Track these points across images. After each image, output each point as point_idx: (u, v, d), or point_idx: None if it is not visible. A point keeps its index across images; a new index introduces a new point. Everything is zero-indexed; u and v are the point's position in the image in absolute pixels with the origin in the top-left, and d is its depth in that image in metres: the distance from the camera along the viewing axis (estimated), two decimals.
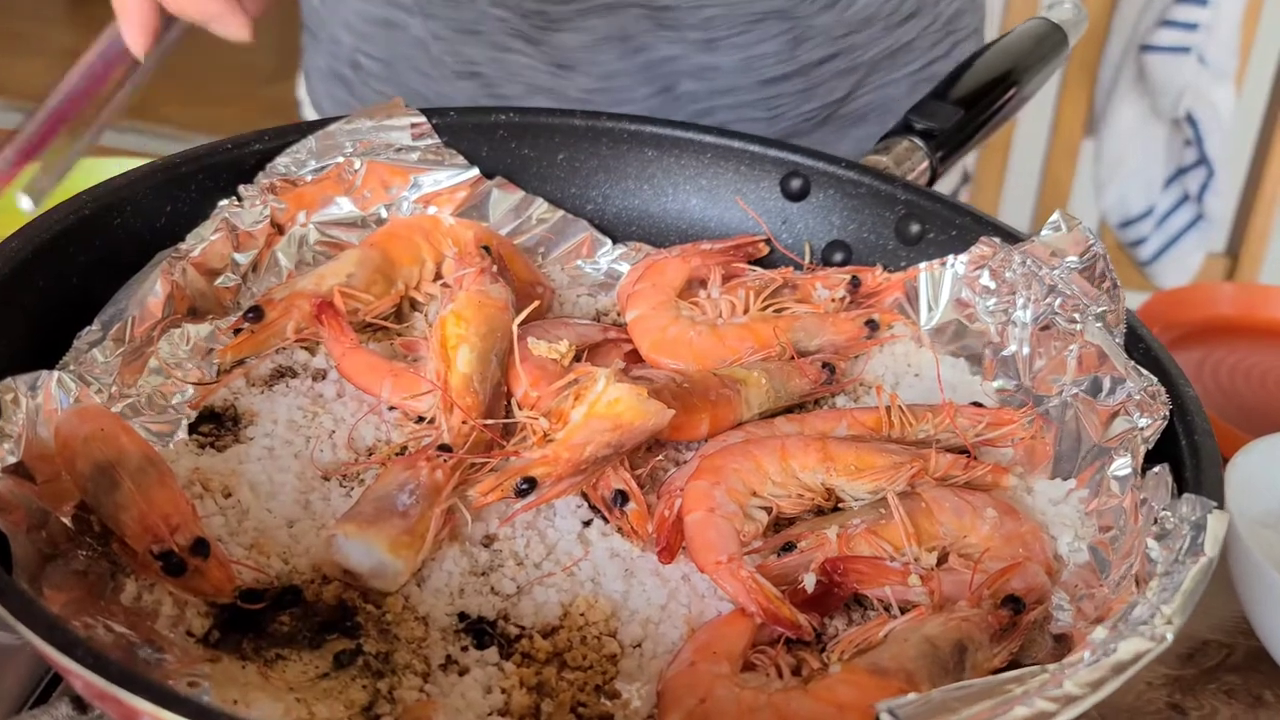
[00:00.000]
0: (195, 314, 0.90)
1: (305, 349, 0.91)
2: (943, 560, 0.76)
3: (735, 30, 1.20)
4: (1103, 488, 0.78)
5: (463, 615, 0.72)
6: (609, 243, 1.06)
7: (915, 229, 1.00)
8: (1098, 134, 2.52)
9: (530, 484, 0.76)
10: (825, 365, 0.91)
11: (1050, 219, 0.90)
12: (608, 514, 0.78)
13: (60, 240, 0.84)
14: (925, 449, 0.81)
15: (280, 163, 0.97)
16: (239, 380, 0.88)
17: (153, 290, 0.85)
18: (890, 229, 1.02)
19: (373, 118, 1.01)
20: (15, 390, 0.75)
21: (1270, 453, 1.06)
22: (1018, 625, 0.70)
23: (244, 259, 0.94)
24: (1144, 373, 0.79)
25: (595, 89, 1.21)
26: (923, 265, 0.97)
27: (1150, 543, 0.68)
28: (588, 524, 0.79)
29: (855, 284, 0.98)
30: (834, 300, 0.98)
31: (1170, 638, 0.57)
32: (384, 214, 1.02)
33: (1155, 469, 0.74)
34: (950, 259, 0.96)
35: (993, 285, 0.93)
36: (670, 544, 0.76)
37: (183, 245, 0.89)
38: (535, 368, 0.85)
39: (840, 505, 0.80)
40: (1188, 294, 1.47)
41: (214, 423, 0.85)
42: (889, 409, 0.85)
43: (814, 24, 1.21)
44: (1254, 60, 2.49)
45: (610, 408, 0.77)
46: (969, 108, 1.09)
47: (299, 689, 0.66)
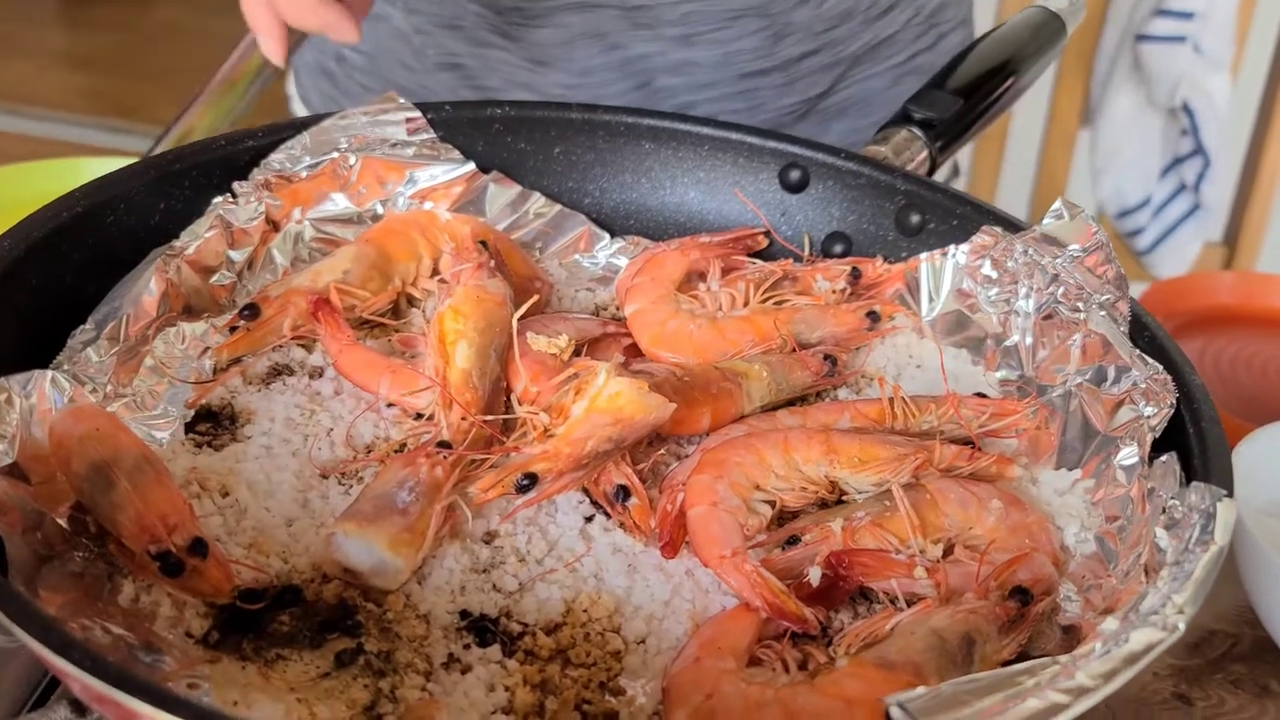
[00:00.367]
0: (191, 312, 0.90)
1: (302, 346, 0.90)
2: (948, 552, 0.75)
3: (713, 27, 1.19)
4: (1109, 477, 0.77)
5: (464, 613, 0.71)
6: (607, 237, 1.06)
7: (916, 219, 0.99)
8: (1094, 124, 2.52)
9: (531, 480, 0.75)
10: (827, 357, 0.90)
11: (1053, 207, 0.89)
12: (609, 509, 0.78)
13: (53, 238, 0.83)
14: (929, 440, 0.81)
15: (275, 159, 0.96)
16: (236, 379, 0.87)
17: (147, 288, 0.85)
18: (890, 220, 1.01)
19: (367, 113, 1.00)
20: (9, 390, 0.74)
21: (1273, 441, 1.05)
22: (1026, 617, 0.69)
23: (239, 256, 0.93)
24: (1149, 361, 0.79)
25: (572, 84, 1.21)
26: (924, 255, 0.97)
27: (1159, 532, 0.67)
28: (590, 520, 0.78)
29: (856, 275, 0.98)
30: (834, 292, 0.97)
31: (1183, 627, 0.57)
32: (380, 210, 1.01)
33: (1163, 458, 0.73)
34: (951, 249, 0.95)
35: (994, 275, 0.92)
36: (673, 539, 0.75)
37: (177, 243, 0.88)
38: (534, 363, 0.84)
39: (844, 498, 0.79)
40: (1187, 283, 1.46)
41: (211, 422, 0.84)
42: (892, 401, 0.84)
43: (792, 20, 1.21)
44: (1250, 49, 2.48)
45: (611, 402, 0.77)
46: (967, 97, 1.08)
47: (300, 689, 0.65)
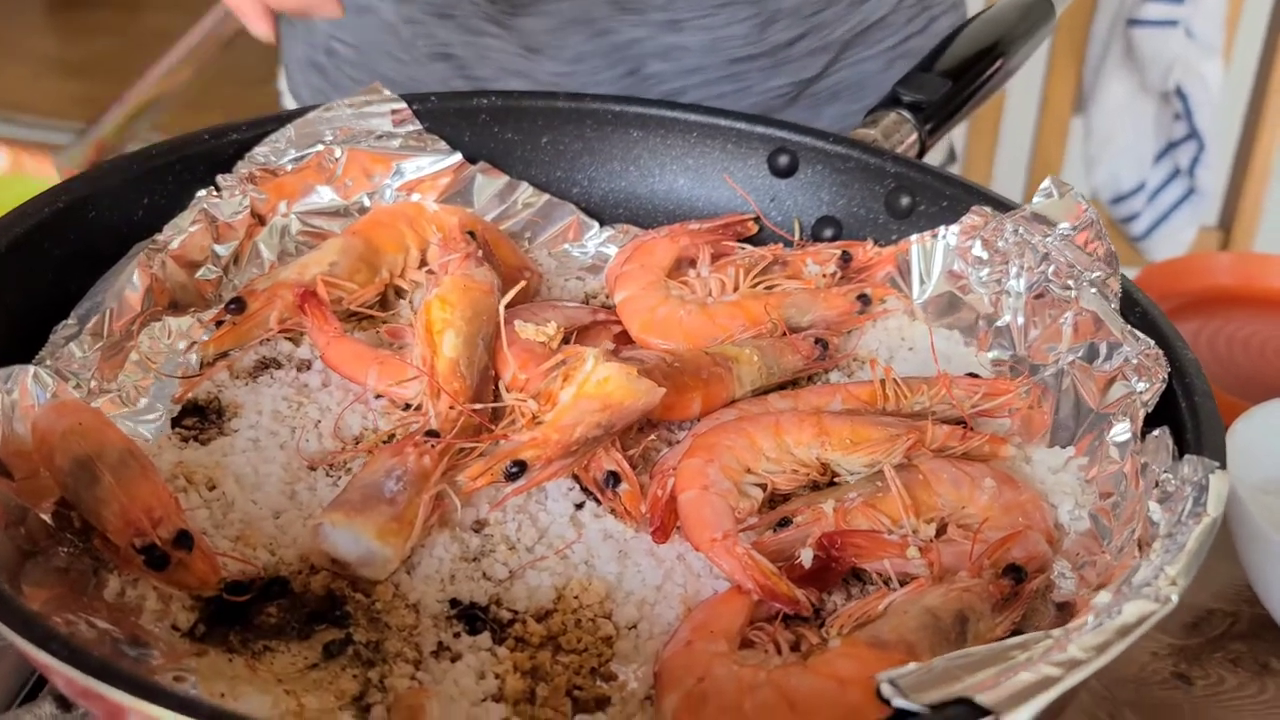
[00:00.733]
0: (176, 307, 0.89)
1: (289, 340, 0.90)
2: (941, 532, 0.74)
3: (701, 13, 1.19)
4: (1102, 454, 0.77)
5: (454, 601, 0.71)
6: (596, 225, 1.05)
7: (905, 202, 0.99)
8: (1087, 110, 2.51)
9: (520, 467, 0.74)
10: (818, 341, 0.90)
11: (1042, 185, 0.89)
12: (600, 495, 0.77)
13: (34, 234, 0.83)
14: (921, 421, 0.80)
15: (259, 152, 0.95)
16: (222, 373, 0.86)
17: (130, 283, 0.84)
18: (880, 202, 1.00)
19: (351, 105, 1.00)
20: None
21: (1270, 419, 1.04)
22: (1020, 594, 0.68)
23: (224, 251, 0.92)
24: (1141, 336, 0.78)
25: (563, 72, 1.20)
26: (914, 238, 0.96)
27: (1152, 505, 0.66)
28: (580, 506, 0.77)
29: (846, 259, 0.97)
30: (825, 276, 0.96)
31: (1175, 599, 0.56)
32: (367, 202, 1.00)
33: (1155, 432, 0.73)
34: (942, 230, 0.95)
35: (985, 255, 0.92)
36: (664, 523, 0.75)
37: (160, 237, 0.88)
38: (523, 350, 0.83)
39: (836, 480, 0.79)
40: (1183, 264, 1.45)
41: (197, 416, 0.83)
42: (883, 382, 0.84)
43: (780, 5, 1.20)
44: (1241, 32, 2.48)
45: (599, 387, 0.76)
46: (956, 79, 1.08)
47: (288, 680, 0.65)
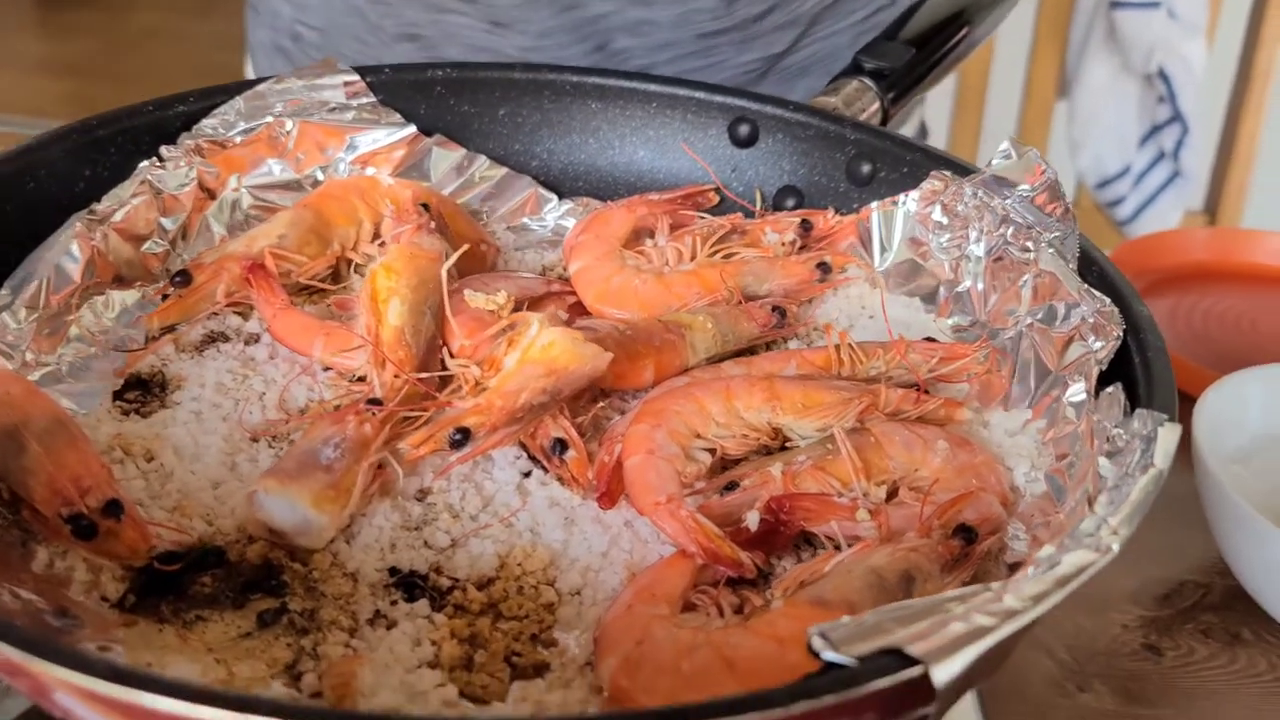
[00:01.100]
0: (122, 281, 0.87)
1: (238, 313, 0.88)
2: (893, 495, 0.73)
3: None
4: (1059, 416, 0.75)
5: (394, 570, 0.69)
6: (555, 199, 1.04)
7: (866, 169, 0.97)
8: (1070, 93, 2.50)
9: (464, 434, 0.73)
10: (775, 309, 0.88)
11: (1000, 147, 0.87)
12: (547, 463, 0.75)
13: None
14: (875, 385, 0.79)
15: (207, 124, 0.94)
16: (168, 347, 0.85)
17: (68, 253, 0.83)
18: (841, 171, 0.99)
19: (303, 77, 0.98)
20: None
21: (1240, 389, 1.03)
22: (970, 555, 0.67)
23: (171, 224, 0.91)
24: (1096, 294, 0.77)
25: (530, 46, 1.19)
26: (874, 205, 0.95)
27: (1102, 461, 0.65)
28: (527, 475, 0.76)
29: (807, 227, 0.96)
30: (784, 244, 0.95)
31: (1116, 548, 0.55)
32: (320, 176, 0.99)
33: (1109, 389, 0.71)
34: (902, 197, 0.93)
35: (945, 221, 0.90)
36: (610, 489, 0.73)
37: (99, 207, 0.86)
38: (471, 319, 0.82)
39: (788, 445, 0.77)
40: (1159, 241, 1.44)
41: (140, 389, 0.82)
42: (838, 347, 0.82)
43: None
44: (1224, 13, 2.46)
45: (544, 352, 0.75)
46: (920, 47, 1.07)
47: (219, 649, 0.63)
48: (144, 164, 0.89)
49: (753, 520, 0.69)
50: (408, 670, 0.63)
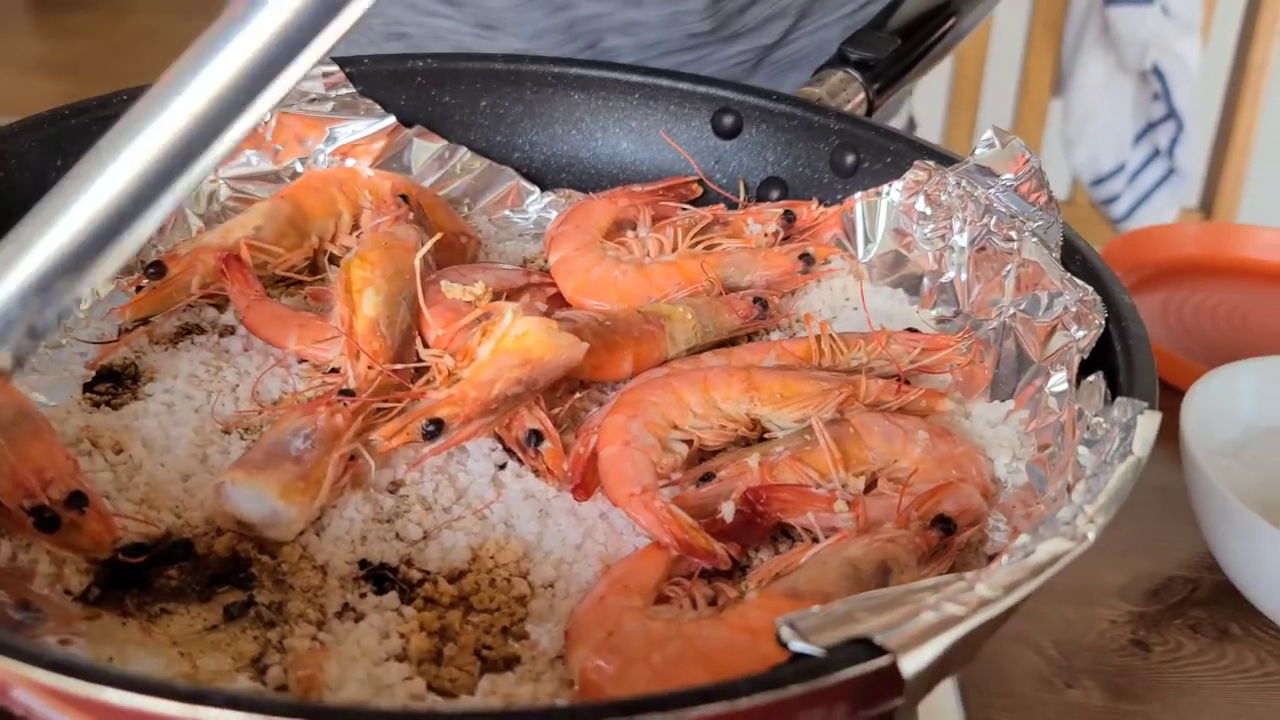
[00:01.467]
0: None
1: (214, 305, 0.87)
2: (872, 486, 0.72)
3: None
4: (1042, 406, 0.74)
5: (364, 563, 0.68)
6: (537, 191, 1.03)
7: (850, 159, 0.96)
8: (1065, 91, 2.49)
9: (437, 426, 0.72)
10: (756, 300, 0.87)
11: (984, 136, 0.86)
12: (521, 454, 0.74)
13: None
14: (855, 376, 0.77)
15: None
16: (141, 339, 0.84)
17: None
18: (825, 161, 0.98)
19: None
20: None
21: (1228, 383, 1.02)
22: (949, 547, 0.66)
23: None
24: (1079, 283, 0.76)
25: (522, 49, 1.18)
26: (858, 195, 0.94)
27: (1081, 450, 0.64)
28: (502, 467, 0.75)
29: (790, 218, 0.95)
30: (767, 235, 0.94)
31: (1092, 536, 0.53)
32: (300, 168, 0.98)
33: (1090, 378, 0.70)
34: (885, 188, 0.92)
35: (929, 211, 0.89)
36: (585, 480, 0.72)
37: None
38: (446, 309, 0.81)
39: (767, 436, 0.76)
40: (1149, 235, 1.43)
41: (112, 381, 0.81)
42: (819, 338, 0.81)
43: None
44: (1219, 10, 2.45)
45: (518, 342, 0.74)
46: (906, 38, 1.05)
47: (184, 643, 0.62)
48: None
49: (728, 511, 0.68)
50: (375, 663, 0.61)
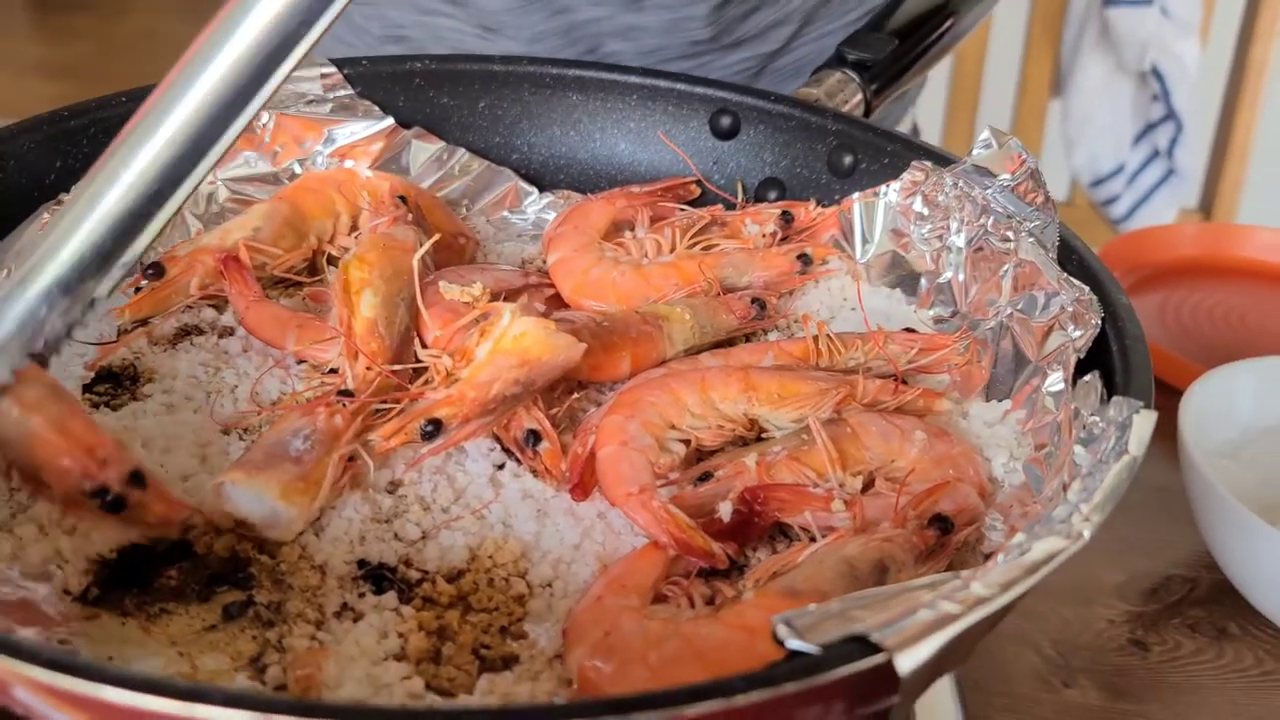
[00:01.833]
0: None
1: (213, 307, 0.87)
2: (869, 485, 0.72)
3: None
4: (1039, 406, 0.75)
5: (362, 562, 0.68)
6: (536, 192, 1.03)
7: (848, 160, 0.97)
8: (1064, 92, 2.49)
9: (436, 426, 0.72)
10: (754, 300, 0.87)
11: (980, 136, 0.87)
12: (520, 455, 0.74)
13: None
14: (853, 376, 0.78)
15: None
16: (141, 340, 0.84)
17: None
18: (823, 162, 0.98)
19: None
20: None
21: (1226, 383, 1.03)
22: (946, 546, 0.66)
23: None
24: (1075, 283, 0.76)
25: (521, 52, 1.18)
26: (856, 196, 0.94)
27: (1077, 449, 0.64)
28: (500, 467, 0.75)
29: (787, 219, 0.95)
30: (765, 236, 0.94)
31: (1088, 535, 0.54)
32: (298, 169, 0.98)
33: (1086, 377, 0.71)
34: (883, 189, 0.93)
35: (926, 212, 0.89)
36: (583, 480, 0.72)
37: (66, 196, 0.85)
38: (445, 310, 0.81)
39: (764, 436, 0.76)
40: (1148, 236, 1.43)
41: (111, 382, 0.81)
42: (816, 338, 0.81)
43: None
44: (1218, 10, 2.45)
45: (516, 343, 0.74)
46: (904, 39, 1.06)
47: (183, 642, 0.62)
48: None
49: (726, 511, 0.68)
50: (374, 663, 0.62)
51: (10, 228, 0.83)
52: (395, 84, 1.01)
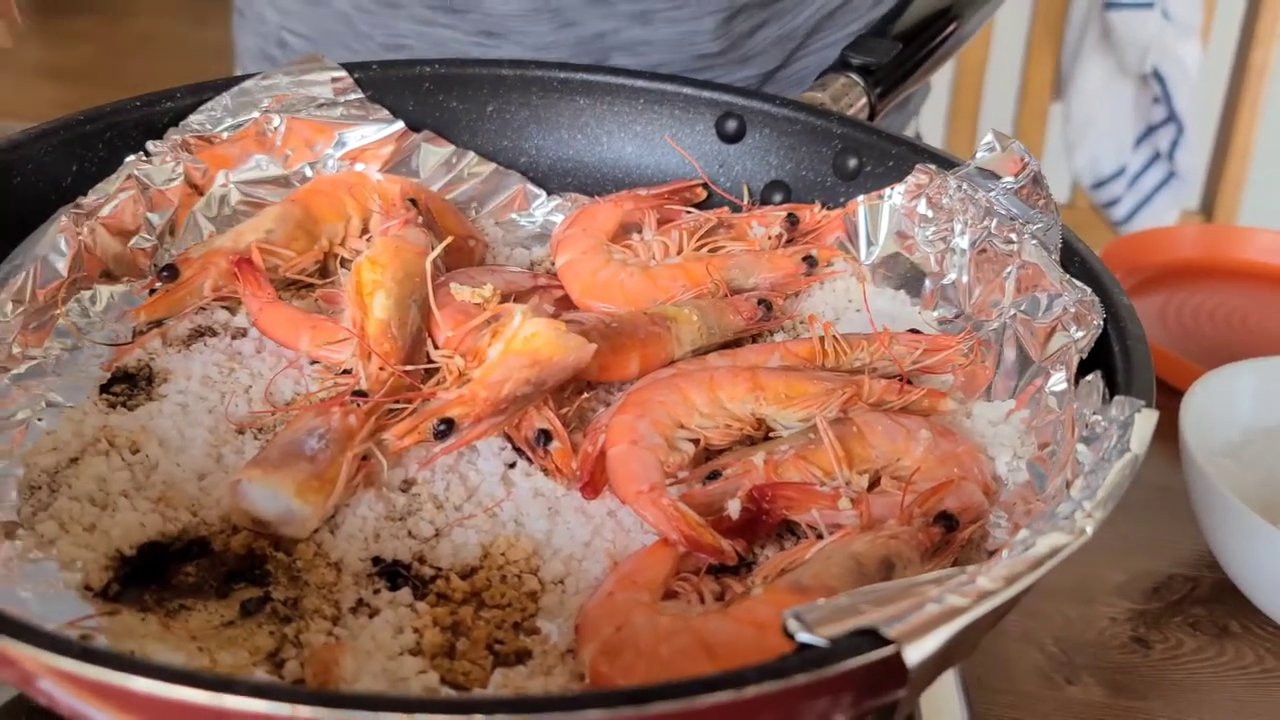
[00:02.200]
0: (109, 276, 0.88)
1: (226, 308, 0.89)
2: (875, 484, 0.73)
3: (669, 5, 1.17)
4: (1042, 405, 0.76)
5: (377, 559, 0.69)
6: (543, 195, 1.04)
7: (853, 163, 0.98)
8: (1065, 95, 2.50)
9: (448, 425, 0.73)
10: (761, 301, 0.88)
11: (984, 140, 0.88)
12: (531, 454, 0.76)
13: None
14: (859, 376, 0.79)
15: (194, 120, 0.94)
16: (155, 341, 0.85)
17: (54, 247, 0.83)
18: (828, 165, 0.99)
19: (290, 73, 0.98)
20: None
21: (1228, 384, 1.04)
22: (951, 543, 0.67)
23: (158, 219, 0.91)
24: (1078, 284, 0.77)
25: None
26: (860, 199, 0.95)
27: (1080, 447, 0.65)
28: (512, 466, 0.76)
29: (793, 221, 0.96)
30: (770, 238, 0.95)
31: (1090, 530, 0.55)
32: (309, 172, 0.99)
33: (1088, 377, 0.72)
34: (888, 191, 0.94)
35: (930, 214, 0.91)
36: (594, 479, 0.73)
37: (85, 200, 0.86)
38: (456, 311, 0.82)
39: (771, 435, 0.77)
40: (1149, 238, 1.44)
41: (127, 383, 0.82)
42: (822, 339, 0.82)
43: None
44: (1219, 13, 2.46)
45: (527, 343, 0.75)
46: (908, 43, 1.07)
47: (202, 638, 0.63)
48: (130, 159, 0.90)
49: (734, 509, 0.69)
50: (389, 657, 0.63)
51: (28, 230, 0.84)
52: (405, 88, 1.02)
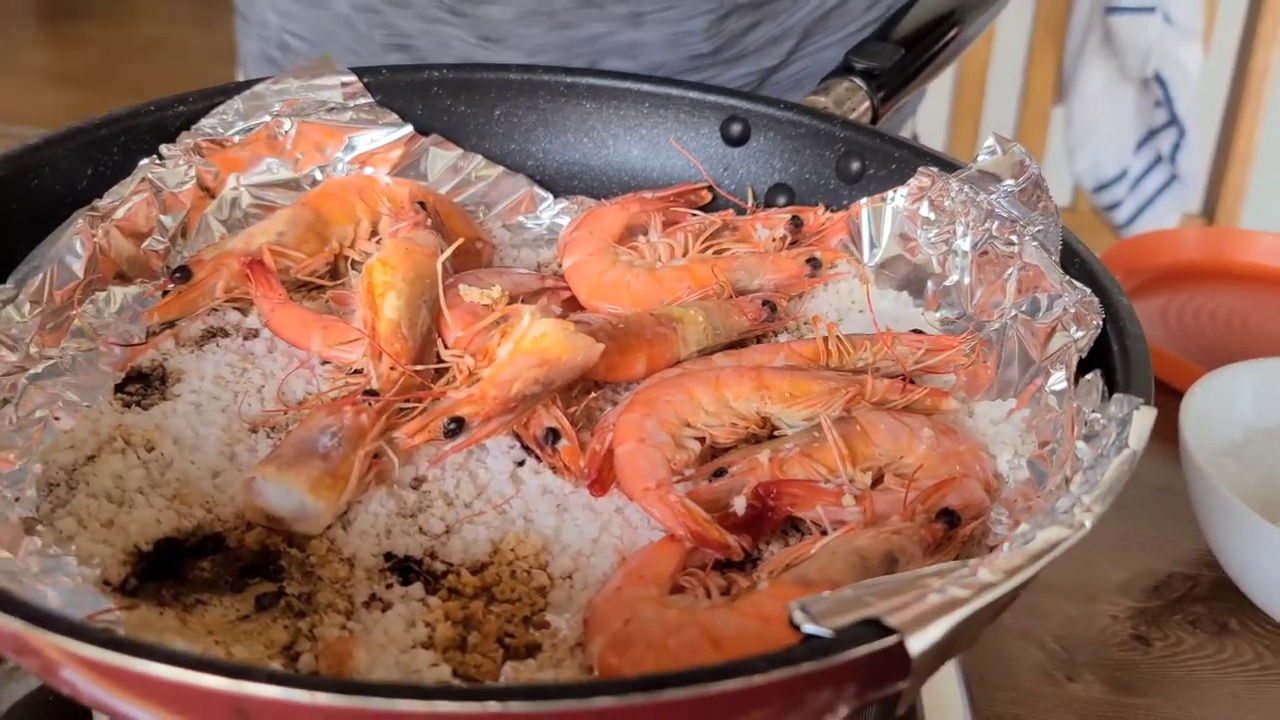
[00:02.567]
0: (123, 278, 0.89)
1: (237, 309, 0.90)
2: (878, 481, 0.74)
3: (661, 6, 1.19)
4: (1042, 404, 0.77)
5: (389, 555, 0.70)
6: (550, 197, 1.05)
7: (856, 166, 0.99)
8: (1067, 99, 2.52)
9: (458, 424, 0.74)
10: (765, 303, 0.90)
11: (985, 143, 0.89)
12: (539, 452, 0.77)
13: None
14: (862, 375, 0.80)
15: (206, 124, 0.95)
16: (168, 342, 0.86)
17: (71, 250, 0.84)
18: (831, 168, 1.00)
19: (300, 77, 1.00)
20: None
21: (1228, 384, 1.05)
22: (953, 539, 0.68)
23: (171, 221, 0.92)
24: (1078, 285, 0.78)
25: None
26: (863, 201, 0.96)
27: (1079, 444, 0.66)
28: (520, 464, 0.77)
29: (797, 224, 0.97)
30: (775, 240, 0.96)
31: (1089, 525, 0.56)
32: (319, 176, 1.00)
33: (1088, 376, 0.73)
34: (890, 194, 0.95)
35: (932, 216, 0.92)
36: (602, 476, 0.74)
37: (100, 203, 0.88)
38: (465, 312, 0.83)
39: (776, 433, 0.79)
40: (1151, 240, 1.46)
41: (141, 383, 0.83)
42: (826, 339, 0.83)
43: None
44: (1220, 17, 2.48)
45: (536, 343, 0.76)
46: (910, 47, 1.08)
47: (218, 631, 0.65)
48: (144, 162, 0.91)
49: (740, 505, 0.70)
50: (402, 651, 0.64)
51: (45, 233, 0.85)
52: (413, 92, 1.03)
